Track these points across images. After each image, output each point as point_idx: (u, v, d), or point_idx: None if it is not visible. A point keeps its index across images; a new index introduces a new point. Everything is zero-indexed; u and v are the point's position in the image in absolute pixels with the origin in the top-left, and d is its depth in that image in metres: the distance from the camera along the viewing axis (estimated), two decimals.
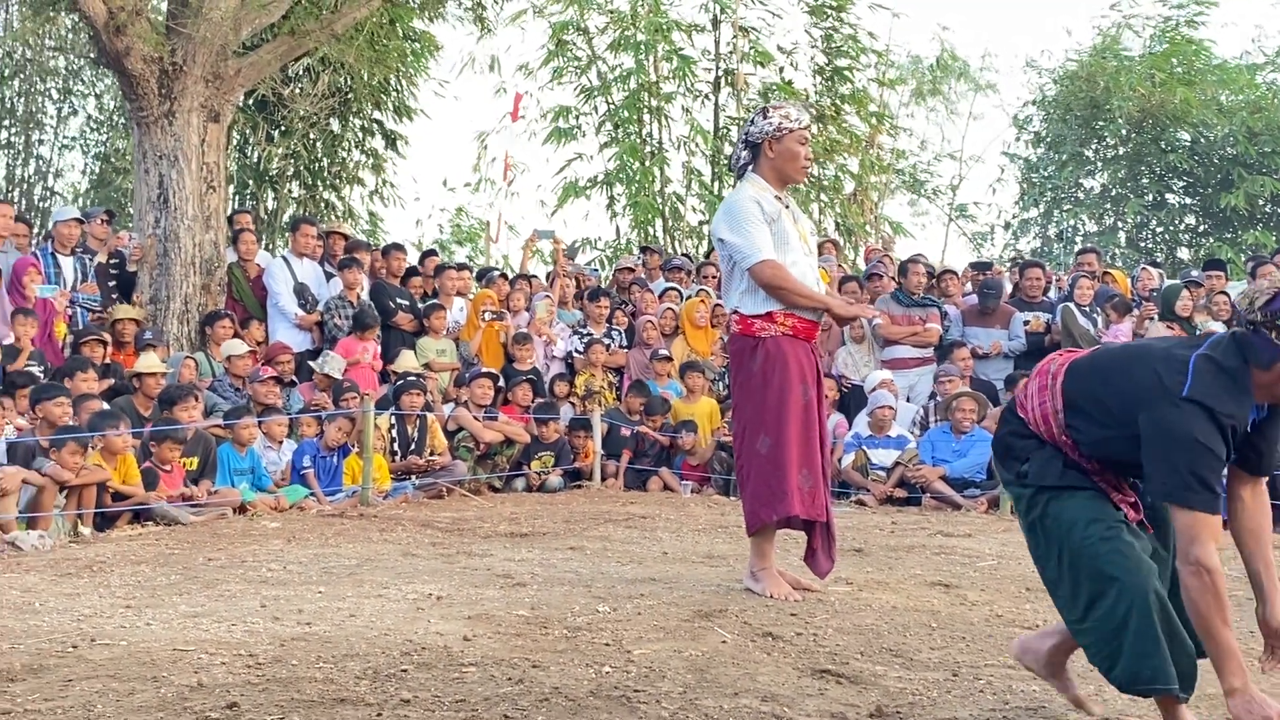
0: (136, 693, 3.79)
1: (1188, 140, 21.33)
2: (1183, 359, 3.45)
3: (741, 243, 5.57)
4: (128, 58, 10.97)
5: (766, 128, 5.69)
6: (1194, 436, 3.34)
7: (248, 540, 7.42)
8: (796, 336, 5.64)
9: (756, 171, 5.75)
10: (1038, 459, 3.68)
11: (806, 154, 5.77)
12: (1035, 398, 3.71)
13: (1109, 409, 3.55)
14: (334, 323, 11.29)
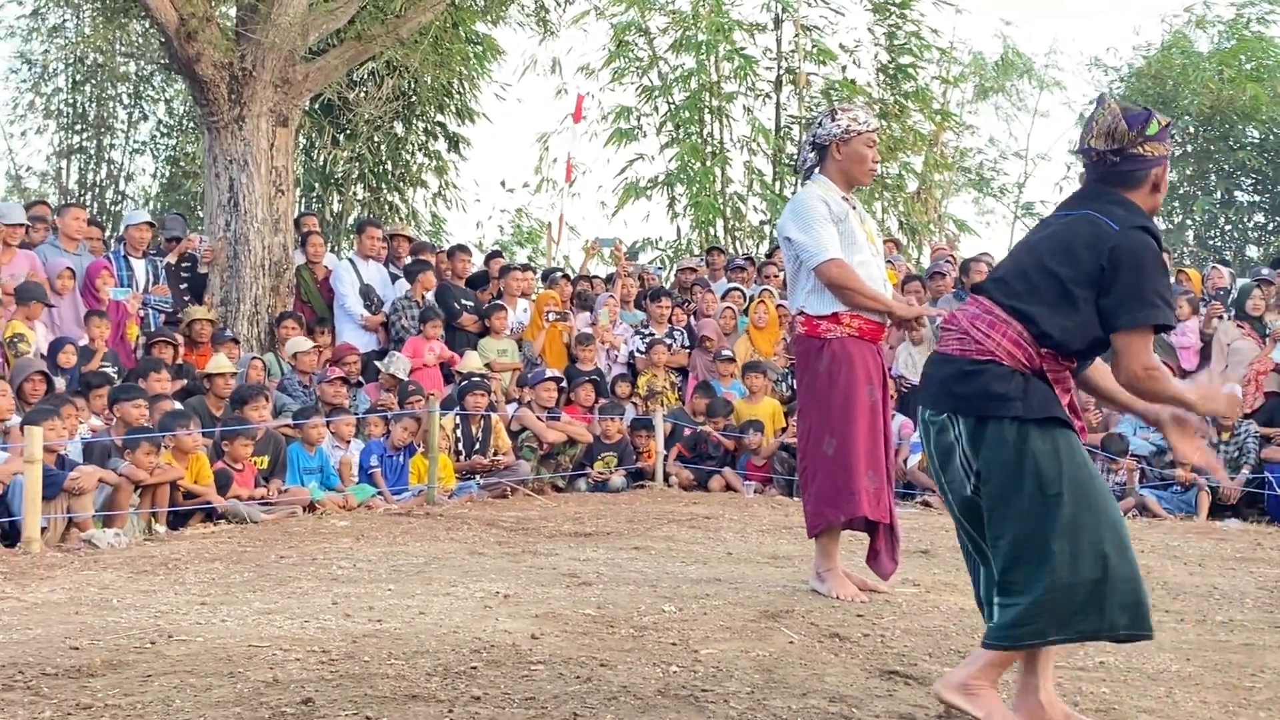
0: (214, 688, 3.86)
1: (1257, 137, 21.03)
2: (1095, 212, 3.53)
3: (808, 241, 5.56)
4: (198, 63, 11.14)
5: (834, 130, 5.69)
6: (1156, 257, 3.47)
7: (317, 538, 7.52)
8: (862, 338, 5.64)
9: (823, 173, 5.75)
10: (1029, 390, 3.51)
11: (874, 157, 5.76)
12: (984, 324, 3.54)
13: (1065, 281, 3.48)
14: (401, 324, 11.40)
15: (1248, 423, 10.31)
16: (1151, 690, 4.15)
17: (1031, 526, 3.46)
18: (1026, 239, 3.71)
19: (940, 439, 3.61)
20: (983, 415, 3.51)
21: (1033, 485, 3.47)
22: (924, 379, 3.73)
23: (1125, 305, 3.43)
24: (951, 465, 3.60)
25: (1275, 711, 3.92)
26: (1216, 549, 7.84)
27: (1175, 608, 5.72)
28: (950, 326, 3.64)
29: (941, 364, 3.62)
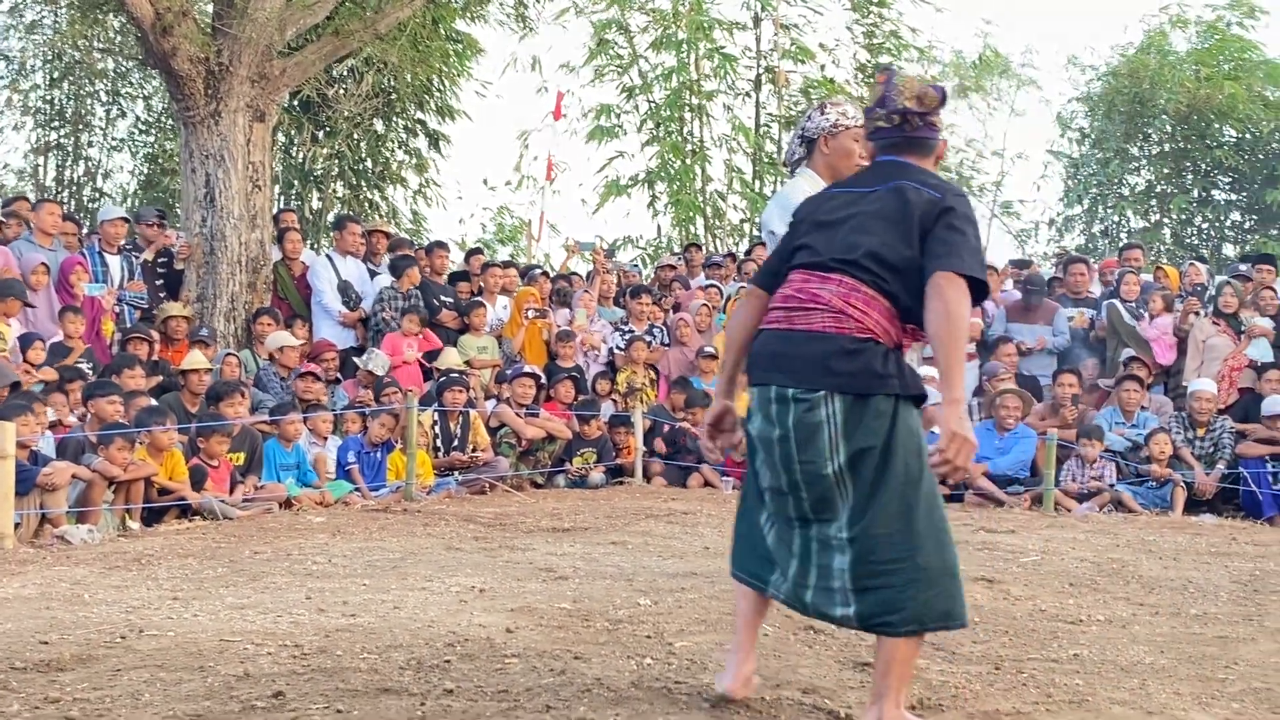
0: (184, 682, 3.84)
1: (1234, 136, 21.10)
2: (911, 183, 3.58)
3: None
4: (174, 58, 11.08)
5: (823, 123, 5.63)
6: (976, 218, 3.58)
7: (293, 534, 7.49)
8: None
9: (810, 166, 5.73)
10: (902, 367, 3.52)
11: (861, 152, 5.76)
12: (859, 302, 3.50)
13: (911, 258, 3.49)
14: (383, 316, 11.34)
15: (1223, 418, 10.35)
16: (1125, 682, 4.16)
17: (903, 505, 3.44)
18: (844, 214, 3.64)
19: (807, 416, 3.49)
20: (864, 393, 3.45)
21: (902, 465, 3.46)
22: (780, 356, 3.57)
23: (955, 253, 3.43)
24: (815, 444, 3.48)
25: (1248, 703, 3.93)
26: (1191, 544, 7.86)
27: (1150, 601, 5.74)
28: (815, 305, 3.54)
29: (812, 341, 3.51)
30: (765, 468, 3.63)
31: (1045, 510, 9.74)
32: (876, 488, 3.44)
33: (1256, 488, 9.88)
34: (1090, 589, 6.01)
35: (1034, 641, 4.75)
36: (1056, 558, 7.00)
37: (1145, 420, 10.60)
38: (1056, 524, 8.88)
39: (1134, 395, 10.69)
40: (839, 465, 3.46)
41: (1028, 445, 10.43)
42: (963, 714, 3.71)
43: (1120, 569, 6.67)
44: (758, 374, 3.64)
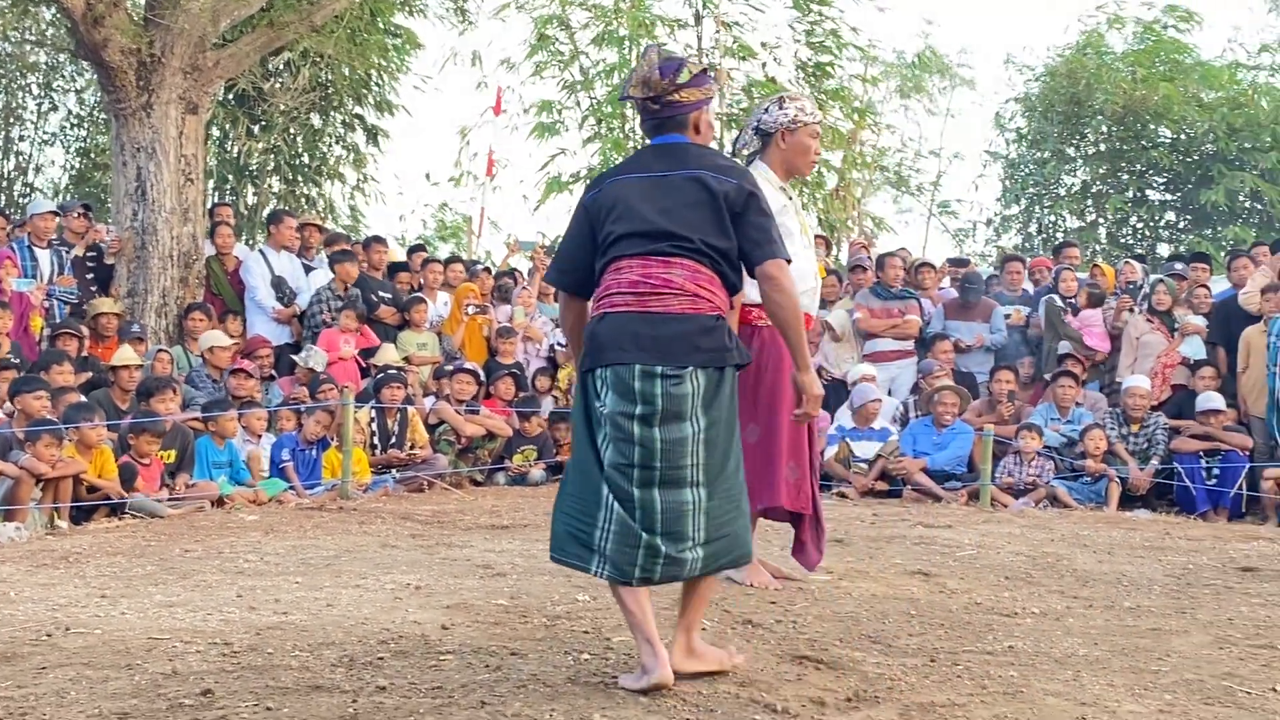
0: (110, 680, 3.77)
1: (1169, 137, 21.37)
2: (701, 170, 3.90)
3: None
4: (105, 49, 10.90)
5: (781, 118, 5.57)
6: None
7: (225, 532, 7.39)
8: None
9: (764, 160, 5.65)
10: (737, 338, 3.89)
11: (816, 149, 5.68)
12: (705, 282, 3.82)
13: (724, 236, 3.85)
14: (321, 317, 11.21)
15: (1156, 415, 10.46)
16: (1059, 674, 4.17)
17: (736, 462, 3.87)
18: (662, 203, 3.87)
19: (675, 390, 3.73)
20: (721, 365, 3.79)
21: (735, 427, 3.88)
22: (641, 337, 3.76)
23: (771, 240, 3.88)
24: (680, 416, 3.73)
25: (1180, 694, 3.95)
26: (1125, 538, 7.94)
27: (1084, 595, 5.77)
28: (667, 289, 3.78)
29: (672, 322, 3.76)
30: (613, 444, 3.77)
31: (982, 505, 9.79)
32: (726, 450, 3.82)
33: (1190, 483, 10.00)
34: (1025, 582, 6.05)
35: (969, 634, 4.77)
36: (992, 552, 7.03)
37: (1080, 416, 10.70)
38: (993, 519, 8.94)
39: (1069, 391, 10.79)
40: (698, 436, 3.75)
41: (964, 441, 10.50)
42: (898, 706, 3.71)
43: (1055, 563, 6.72)
44: (614, 355, 3.78)
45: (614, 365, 3.76)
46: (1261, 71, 21.65)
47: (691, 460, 3.74)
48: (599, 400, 3.82)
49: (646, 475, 3.73)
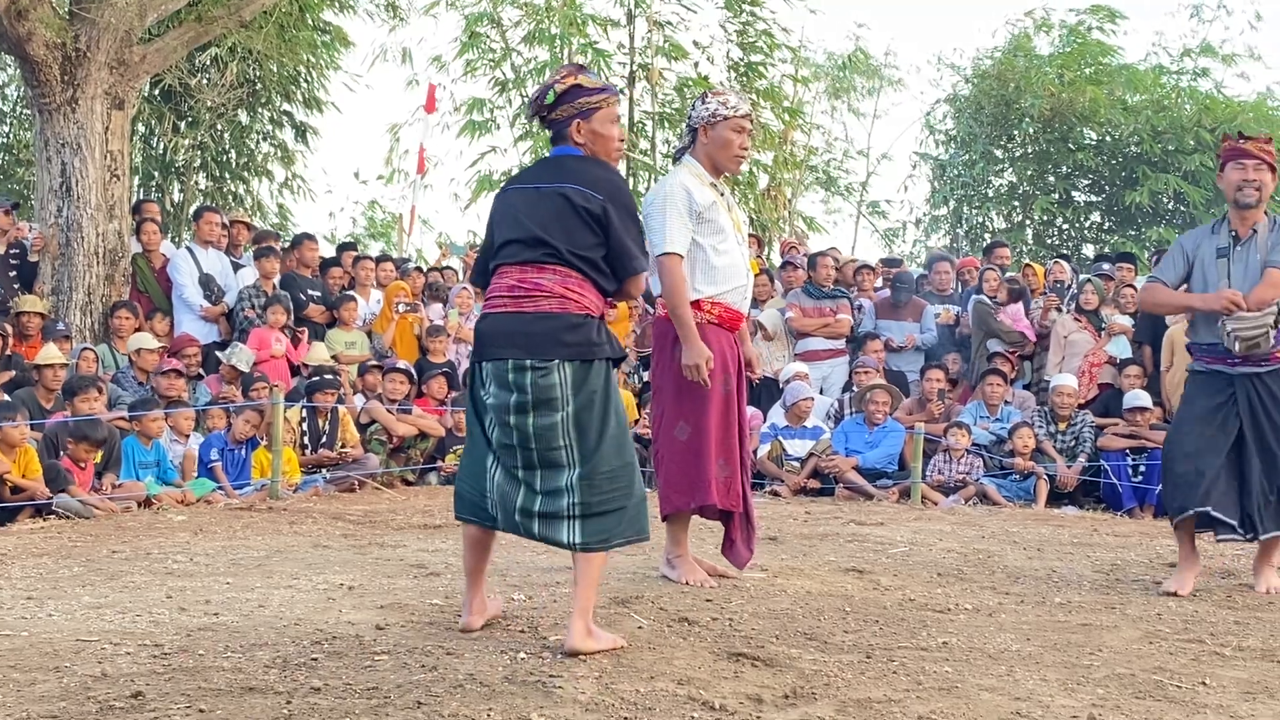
0: (38, 683, 3.69)
1: (1094, 139, 21.66)
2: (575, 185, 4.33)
3: (657, 228, 5.46)
4: (29, 43, 10.70)
5: (703, 112, 5.58)
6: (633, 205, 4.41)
7: (153, 533, 7.28)
8: (721, 325, 5.58)
9: (693, 156, 5.66)
10: (610, 335, 4.35)
11: (741, 143, 5.64)
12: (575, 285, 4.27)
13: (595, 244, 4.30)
14: (245, 314, 11.09)
15: (1084, 413, 10.61)
16: (993, 669, 4.21)
17: (615, 446, 4.27)
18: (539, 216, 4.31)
19: (543, 381, 4.20)
20: (587, 359, 4.24)
21: (615, 414, 4.30)
22: (514, 334, 4.25)
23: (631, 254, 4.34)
24: (550, 404, 4.21)
25: (1112, 688, 4.00)
26: (1054, 535, 8.03)
27: (1015, 590, 5.83)
28: (538, 292, 4.26)
29: (541, 320, 4.25)
30: (497, 428, 4.30)
31: (913, 503, 9.88)
32: (600, 435, 4.24)
33: (1117, 480, 10.15)
34: (957, 579, 6.10)
35: (904, 630, 4.80)
36: (924, 549, 7.09)
37: (1009, 415, 10.82)
38: (924, 516, 9.02)
39: (998, 390, 10.91)
40: (568, 420, 4.21)
41: (896, 440, 10.59)
42: (835, 702, 3.72)
43: (986, 559, 6.78)
44: (492, 351, 4.30)
45: (494, 360, 4.28)
46: (1184, 75, 22.00)
47: (564, 443, 4.21)
48: (484, 390, 4.33)
49: (526, 456, 4.26)
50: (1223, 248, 5.93)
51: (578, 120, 4.45)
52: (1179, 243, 6.13)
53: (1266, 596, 5.84)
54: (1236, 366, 5.85)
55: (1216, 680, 4.13)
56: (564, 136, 4.47)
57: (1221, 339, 5.80)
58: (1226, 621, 5.19)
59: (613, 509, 4.25)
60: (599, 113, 4.51)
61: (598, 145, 4.50)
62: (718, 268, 5.53)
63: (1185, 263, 6.00)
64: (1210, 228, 6.07)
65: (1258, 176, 5.90)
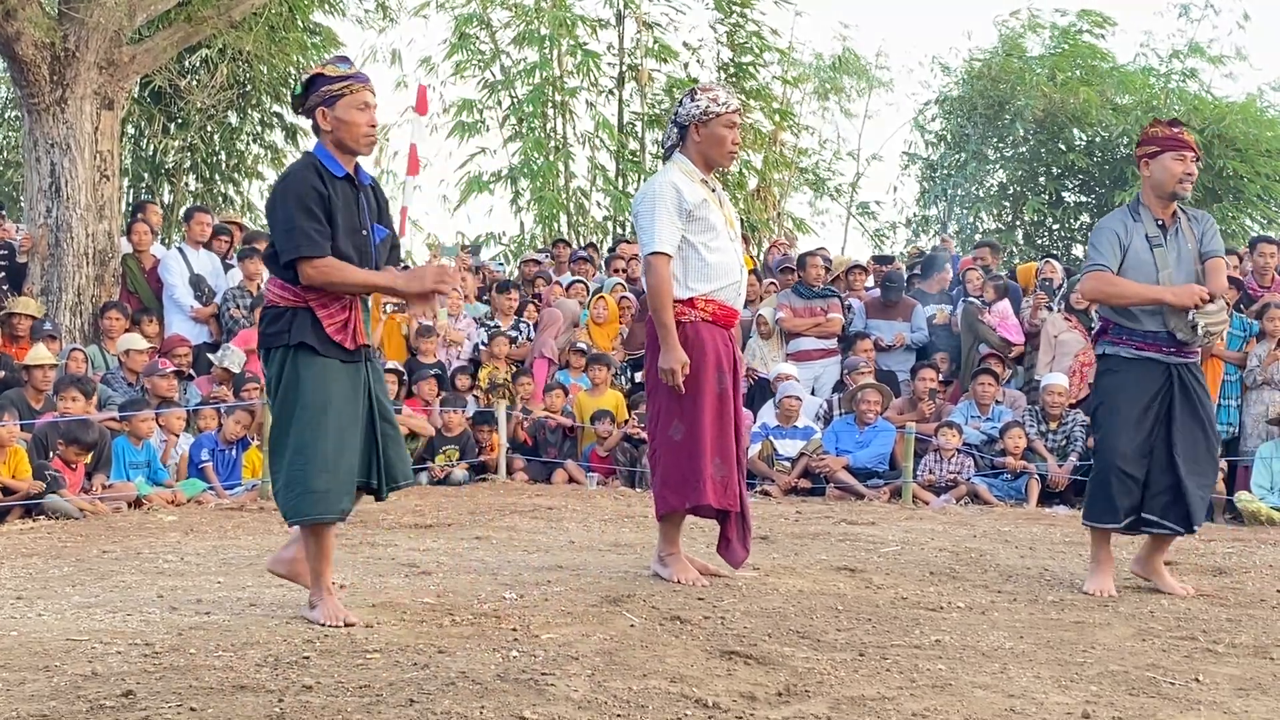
0: (28, 682, 3.67)
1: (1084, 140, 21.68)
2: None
3: (646, 226, 5.46)
4: (18, 43, 10.67)
5: (694, 110, 5.54)
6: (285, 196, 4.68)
7: (144, 533, 7.26)
8: (716, 323, 5.55)
9: (684, 154, 5.63)
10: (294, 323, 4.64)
11: (733, 139, 5.61)
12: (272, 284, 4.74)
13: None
14: (230, 314, 11.07)
15: (1074, 412, 10.60)
16: (987, 666, 4.21)
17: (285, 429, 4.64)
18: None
19: (268, 370, 4.74)
20: (270, 346, 4.68)
21: (291, 398, 4.61)
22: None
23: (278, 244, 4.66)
24: (269, 392, 4.74)
25: (1105, 685, 4.00)
26: (1046, 534, 8.03)
27: (1008, 589, 5.83)
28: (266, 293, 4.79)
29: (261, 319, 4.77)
30: None
31: (904, 503, 9.88)
32: (278, 421, 4.67)
33: None
34: (950, 577, 6.09)
35: (897, 628, 4.79)
36: (916, 548, 7.09)
37: (1000, 414, 10.83)
38: (915, 516, 9.02)
39: (989, 389, 10.91)
40: (274, 401, 4.69)
41: (886, 439, 10.59)
42: (829, 699, 3.71)
43: (978, 558, 6.78)
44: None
45: None
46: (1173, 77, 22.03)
47: (277, 429, 4.69)
48: None
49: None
50: (1154, 236, 5.78)
51: (322, 107, 4.70)
52: (1109, 229, 5.86)
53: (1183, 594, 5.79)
54: (1173, 355, 5.78)
55: (1210, 677, 4.13)
56: (317, 128, 4.76)
57: (1177, 329, 5.70)
58: (1219, 619, 5.19)
59: (283, 486, 4.68)
60: (342, 99, 4.69)
61: (342, 131, 4.69)
62: (710, 264, 5.50)
63: (1121, 248, 5.80)
64: (1128, 213, 5.88)
65: (1194, 170, 5.83)
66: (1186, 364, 5.83)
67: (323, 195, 4.61)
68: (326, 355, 4.63)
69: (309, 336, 4.60)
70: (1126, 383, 5.80)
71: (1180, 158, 5.77)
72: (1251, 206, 20.53)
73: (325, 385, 4.61)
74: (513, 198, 20.11)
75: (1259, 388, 10.05)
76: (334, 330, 4.64)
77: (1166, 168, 5.79)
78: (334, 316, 4.64)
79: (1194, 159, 5.81)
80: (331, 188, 4.66)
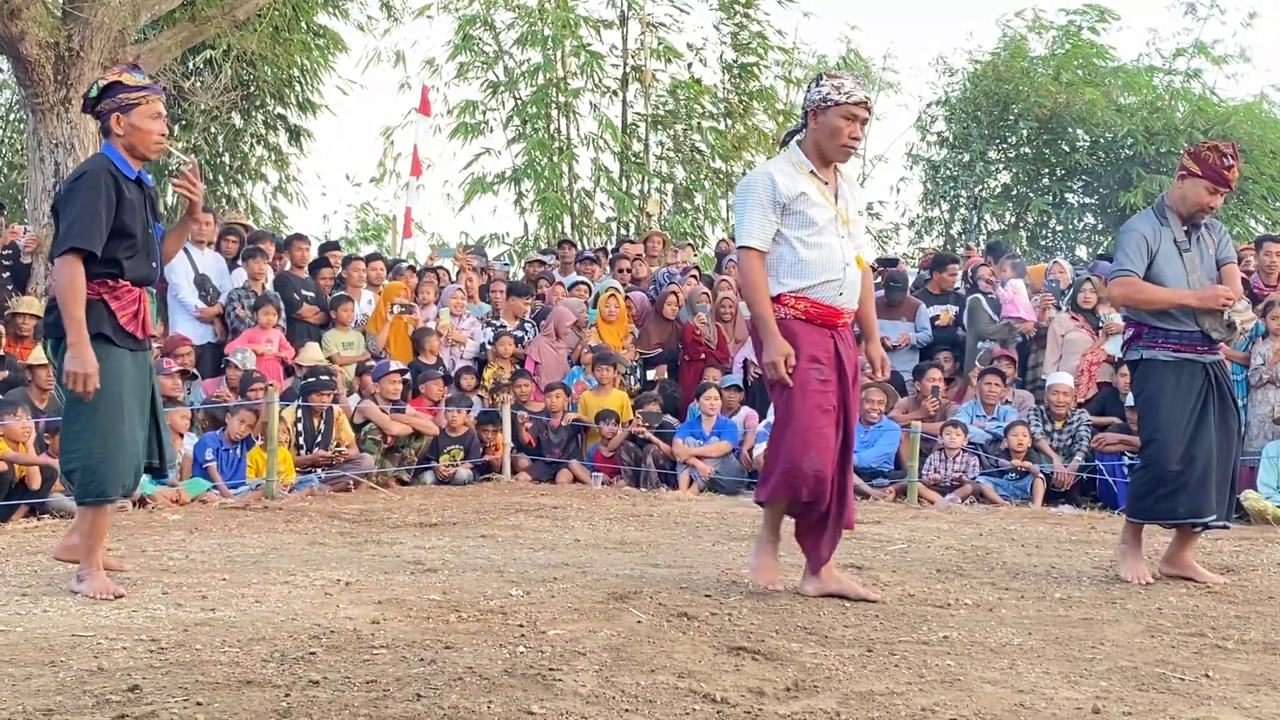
0: (34, 677, 3.66)
1: (1087, 140, 21.65)
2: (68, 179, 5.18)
3: (739, 219, 5.22)
4: (22, 43, 10.68)
5: (814, 96, 5.20)
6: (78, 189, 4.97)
7: (148, 531, 7.25)
8: (810, 320, 5.20)
9: (801, 142, 5.30)
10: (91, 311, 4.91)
11: (851, 132, 5.20)
12: None
13: None
14: (235, 314, 11.05)
15: (1080, 412, 10.58)
16: (995, 662, 4.19)
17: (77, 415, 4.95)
18: None
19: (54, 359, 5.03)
20: (58, 338, 4.94)
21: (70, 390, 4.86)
22: None
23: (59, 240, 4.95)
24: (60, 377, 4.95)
25: (1114, 681, 3.98)
26: (1052, 533, 8.02)
27: (1015, 586, 5.81)
28: None
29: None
30: None
31: (909, 502, 9.86)
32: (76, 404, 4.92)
33: (1112, 479, 10.13)
34: (957, 575, 6.08)
35: (904, 625, 4.78)
36: (922, 546, 7.07)
37: (1005, 413, 10.80)
38: (920, 515, 9.00)
39: (995, 389, 10.88)
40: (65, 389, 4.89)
41: (891, 438, 10.57)
42: (837, 695, 3.70)
43: (985, 556, 6.76)
44: None
45: None
46: (1177, 76, 22.01)
47: (71, 414, 4.99)
48: None
49: None
50: (1181, 242, 5.91)
51: (117, 114, 4.98)
52: (1138, 232, 5.94)
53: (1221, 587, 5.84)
54: (1206, 354, 5.89)
55: (1220, 673, 4.11)
56: (107, 130, 5.01)
57: (1212, 329, 5.81)
58: (1227, 616, 5.17)
59: (71, 469, 5.03)
60: (138, 108, 4.97)
61: (134, 138, 5.00)
62: (805, 261, 5.16)
63: (1148, 252, 5.89)
64: (1154, 217, 5.97)
65: (1218, 205, 5.90)
66: (1219, 361, 5.96)
67: (114, 195, 4.94)
68: (119, 345, 4.98)
69: (104, 327, 4.93)
70: (1169, 384, 5.88)
71: (1214, 191, 5.84)
72: (1256, 208, 20.51)
73: (118, 374, 4.95)
74: (516, 199, 20.13)
75: (1264, 386, 10.01)
76: (126, 320, 5.01)
77: (1198, 193, 5.88)
78: (126, 308, 5.01)
79: (1225, 194, 5.87)
80: (125, 188, 5.01)
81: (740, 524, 8.01)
